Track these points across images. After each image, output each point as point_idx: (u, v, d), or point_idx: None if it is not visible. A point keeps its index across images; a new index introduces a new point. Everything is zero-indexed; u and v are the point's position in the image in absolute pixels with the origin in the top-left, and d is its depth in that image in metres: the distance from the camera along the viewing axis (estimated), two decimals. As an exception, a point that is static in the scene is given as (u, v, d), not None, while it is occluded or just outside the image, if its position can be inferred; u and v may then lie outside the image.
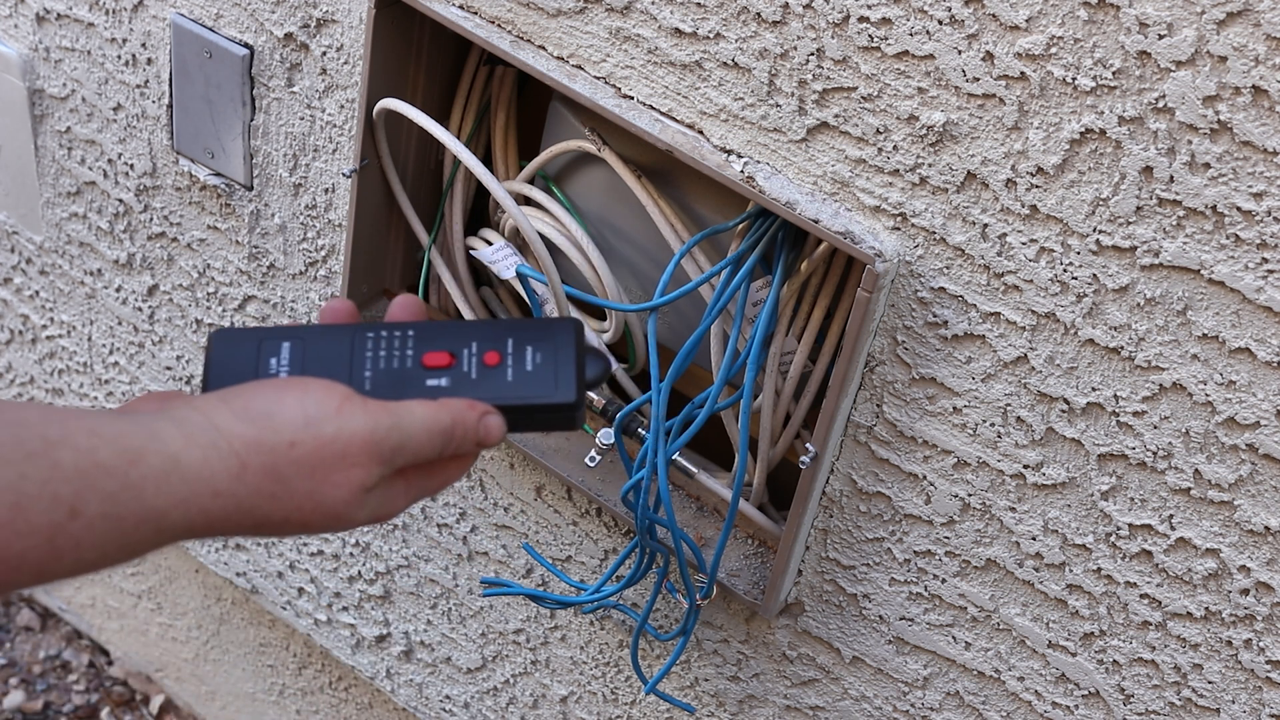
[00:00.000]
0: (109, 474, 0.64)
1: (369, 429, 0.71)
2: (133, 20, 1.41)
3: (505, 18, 1.12)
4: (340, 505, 0.71)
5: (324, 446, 0.70)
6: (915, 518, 1.12)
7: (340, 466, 0.70)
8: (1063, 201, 0.94)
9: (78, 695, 2.19)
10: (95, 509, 0.64)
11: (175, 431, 0.68)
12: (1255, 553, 0.98)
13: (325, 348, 0.77)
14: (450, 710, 1.63)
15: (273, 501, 0.69)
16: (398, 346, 0.78)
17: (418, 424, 0.73)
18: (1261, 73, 0.83)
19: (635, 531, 1.20)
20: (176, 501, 0.66)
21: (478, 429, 0.76)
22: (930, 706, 1.20)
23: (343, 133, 1.30)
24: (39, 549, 0.62)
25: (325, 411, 0.71)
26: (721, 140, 1.06)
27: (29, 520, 0.62)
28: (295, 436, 0.70)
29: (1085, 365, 0.98)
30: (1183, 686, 1.05)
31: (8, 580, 0.63)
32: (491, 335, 0.79)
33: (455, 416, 0.75)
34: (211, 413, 0.70)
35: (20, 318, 1.83)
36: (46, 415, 0.65)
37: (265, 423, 0.70)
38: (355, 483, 0.71)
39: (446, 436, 0.74)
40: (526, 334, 0.79)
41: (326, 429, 0.70)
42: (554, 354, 0.78)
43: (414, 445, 0.73)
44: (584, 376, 0.78)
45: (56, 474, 0.63)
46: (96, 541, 0.64)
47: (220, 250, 1.50)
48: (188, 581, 1.95)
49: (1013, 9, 0.90)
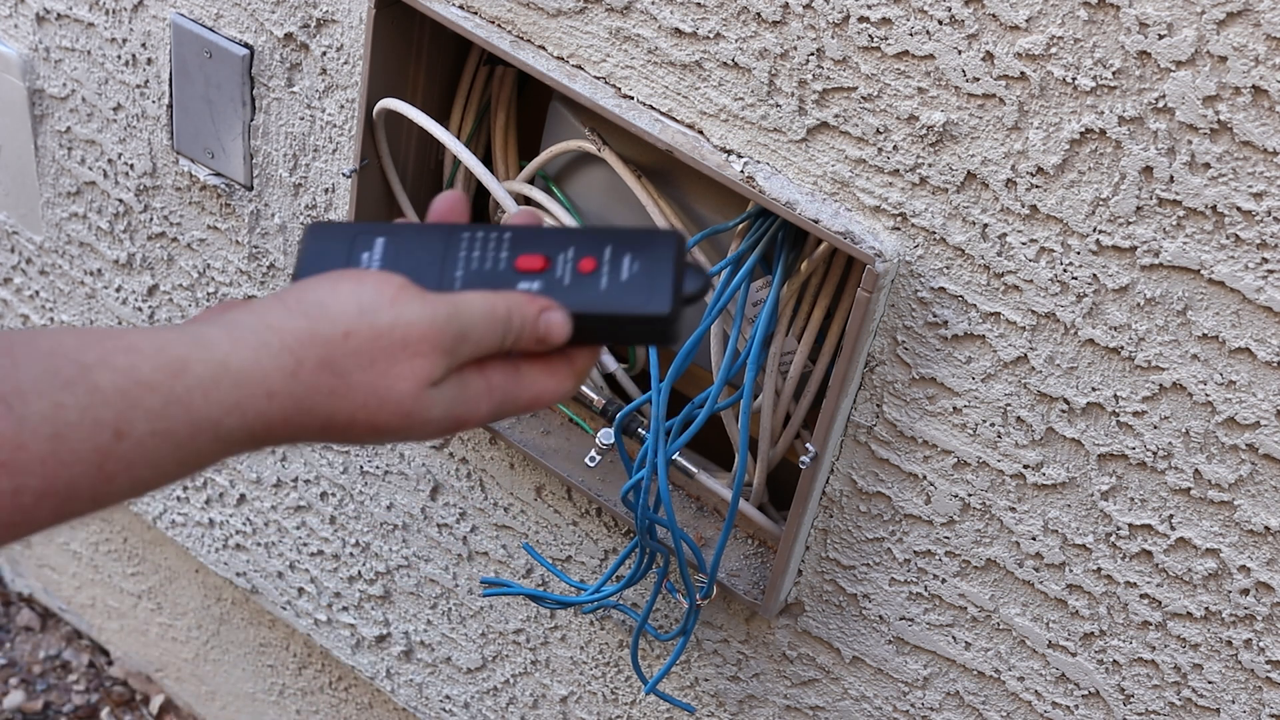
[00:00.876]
0: (152, 390, 0.62)
1: (428, 316, 0.68)
2: (133, 20, 1.41)
3: (505, 18, 1.12)
4: (408, 400, 0.67)
5: (381, 335, 0.67)
6: (915, 518, 1.12)
7: (401, 357, 0.67)
8: (1063, 201, 0.94)
9: (78, 695, 2.19)
10: (142, 428, 0.62)
11: (222, 335, 0.65)
12: (1255, 553, 0.98)
13: (420, 244, 0.74)
14: (450, 710, 1.63)
15: (333, 398, 0.66)
16: (493, 248, 0.74)
17: (477, 312, 0.69)
18: (1261, 73, 0.83)
19: (635, 531, 1.20)
20: (229, 408, 0.64)
21: (537, 324, 0.71)
22: (930, 706, 1.20)
23: (343, 133, 1.30)
24: (89, 476, 0.61)
25: (381, 300, 0.67)
26: (721, 140, 1.06)
27: (72, 449, 0.60)
28: (350, 326, 0.66)
29: (1085, 365, 0.98)
30: (1183, 686, 1.05)
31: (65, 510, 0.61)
32: (591, 242, 0.75)
33: (511, 305, 0.70)
34: (264, 312, 0.67)
35: (20, 318, 1.83)
36: (83, 339, 0.63)
37: (319, 313, 0.66)
38: (420, 374, 0.67)
39: (505, 325, 0.70)
40: (626, 243, 0.75)
41: (383, 317, 0.67)
42: (652, 264, 0.74)
43: (476, 334, 0.69)
44: (681, 289, 0.74)
45: (96, 398, 0.61)
46: (150, 459, 0.62)
47: (220, 250, 1.50)
48: (188, 581, 1.95)
49: (1013, 9, 0.90)
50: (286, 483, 1.63)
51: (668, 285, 0.73)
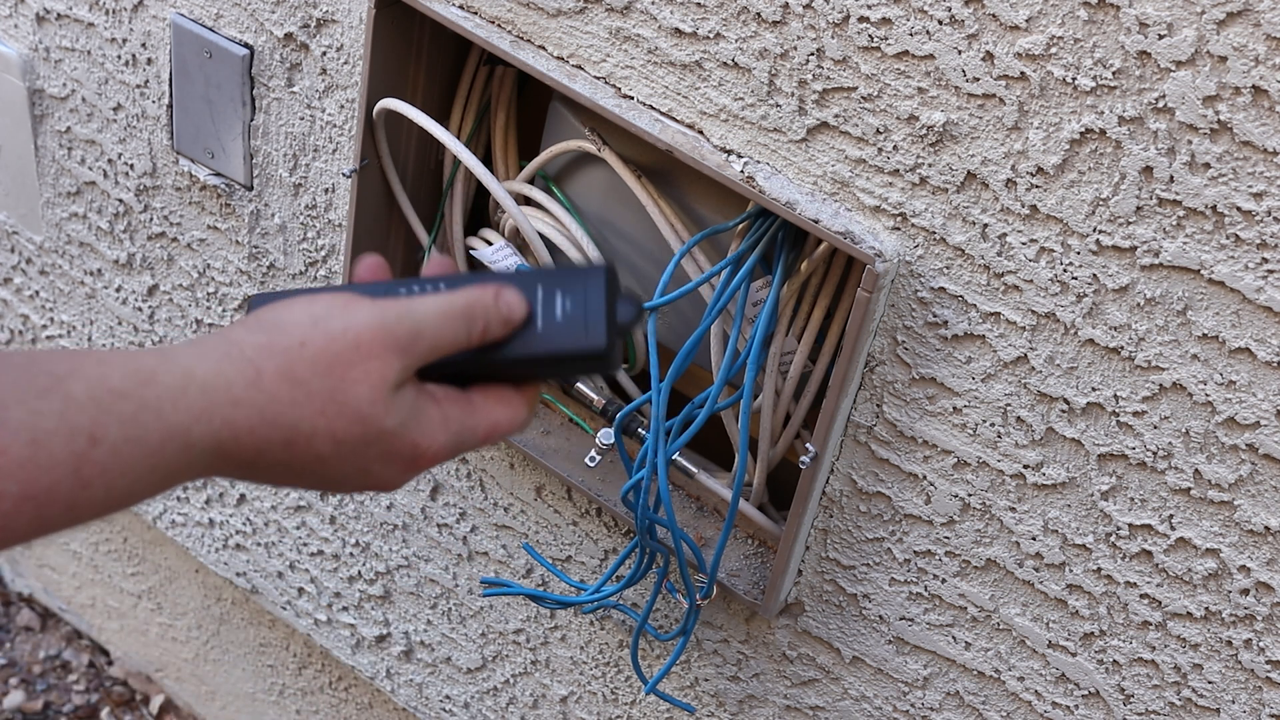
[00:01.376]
0: (123, 397, 0.65)
1: (378, 317, 0.70)
2: (133, 20, 1.41)
3: (505, 18, 1.12)
4: (365, 404, 0.70)
5: (334, 340, 0.70)
6: (915, 518, 1.12)
7: (355, 360, 0.70)
8: (1063, 201, 0.94)
9: (78, 695, 2.19)
10: (116, 433, 0.64)
11: (187, 349, 0.68)
12: (1255, 553, 0.98)
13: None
14: (450, 710, 1.63)
15: (294, 407, 0.69)
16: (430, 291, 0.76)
17: (430, 309, 0.72)
18: (1261, 73, 0.83)
19: (635, 531, 1.20)
20: (197, 414, 0.66)
21: (498, 305, 0.74)
22: (930, 706, 1.20)
23: (343, 133, 1.30)
24: (66, 480, 0.63)
25: (332, 310, 0.71)
26: (721, 140, 1.06)
27: (50, 453, 0.62)
28: (305, 335, 0.69)
29: (1085, 365, 0.98)
30: (1183, 686, 1.05)
31: (42, 517, 0.63)
32: (521, 282, 0.77)
33: (469, 298, 0.73)
34: (225, 331, 0.71)
35: (20, 318, 1.83)
36: (54, 354, 0.65)
37: (275, 328, 0.70)
38: (375, 376, 0.70)
39: (466, 316, 0.73)
40: (556, 280, 0.77)
41: (335, 324, 0.70)
42: (583, 299, 0.76)
43: (431, 330, 0.72)
44: (615, 320, 0.76)
45: (70, 405, 0.63)
46: (123, 467, 0.64)
47: (220, 250, 1.50)
48: (188, 581, 1.95)
49: (1013, 9, 0.90)
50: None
51: (601, 320, 0.76)
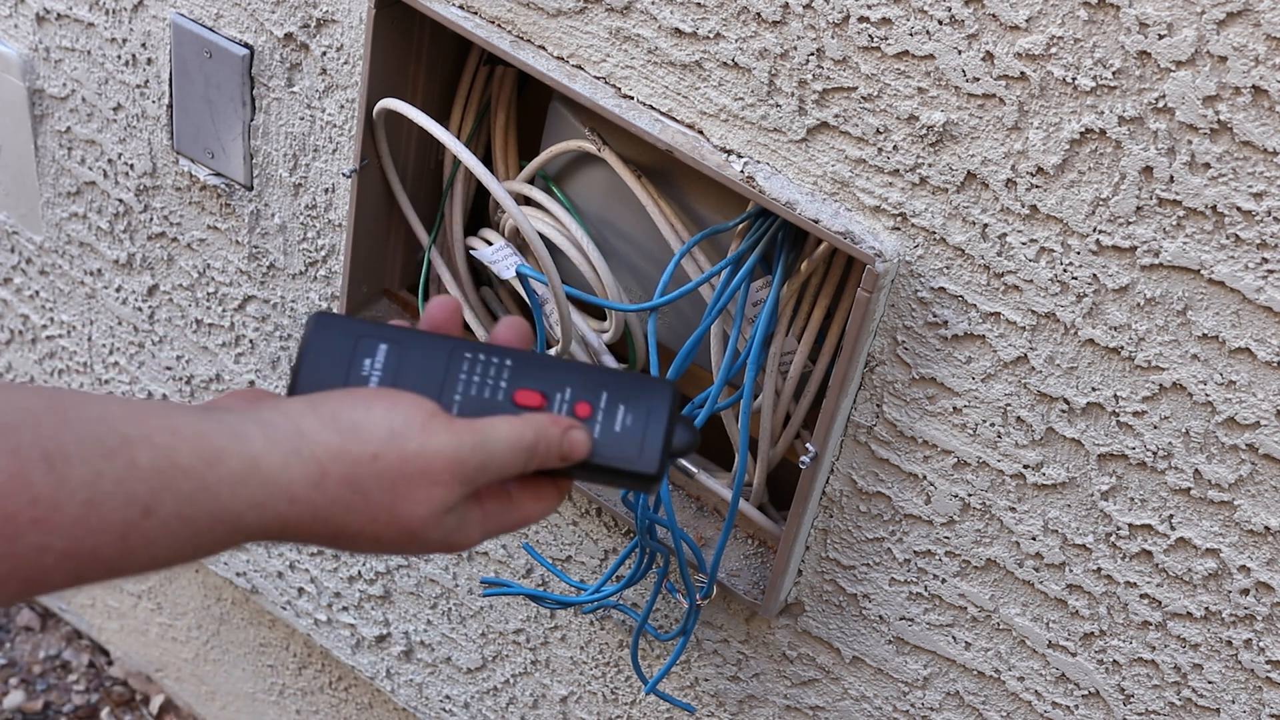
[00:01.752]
0: (186, 475, 0.64)
1: (454, 447, 0.71)
2: (133, 20, 1.41)
3: (505, 18, 1.12)
4: (418, 523, 0.70)
5: (407, 461, 0.70)
6: (915, 518, 1.12)
7: (422, 484, 0.70)
8: (1063, 201, 0.94)
9: (78, 695, 2.19)
10: (170, 509, 0.64)
11: (258, 433, 0.67)
12: (1255, 553, 0.98)
13: (421, 359, 0.76)
14: (450, 710, 1.63)
15: (349, 513, 0.69)
16: (493, 375, 0.76)
17: (502, 442, 0.72)
18: (1261, 73, 0.83)
19: (635, 531, 1.20)
20: (252, 504, 0.66)
21: (561, 444, 0.75)
22: (930, 706, 1.20)
23: (343, 133, 1.30)
24: (112, 545, 0.63)
25: (411, 426, 0.70)
26: (721, 140, 1.06)
27: (103, 517, 0.62)
28: (379, 449, 0.69)
29: (1085, 365, 0.98)
30: (1183, 686, 1.05)
31: (81, 575, 0.63)
32: (587, 384, 0.77)
33: (539, 432, 0.74)
34: (298, 418, 0.69)
35: (20, 318, 1.83)
36: (128, 411, 0.65)
37: (351, 432, 0.69)
38: (436, 501, 0.71)
39: (530, 452, 0.73)
40: (622, 390, 0.77)
41: (411, 444, 0.70)
42: (645, 417, 0.77)
43: (498, 464, 0.72)
44: (669, 447, 0.76)
45: (134, 473, 0.63)
46: (169, 541, 0.64)
47: (220, 250, 1.50)
48: (188, 581, 1.95)
49: (1013, 9, 0.90)
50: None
51: (658, 445, 0.76)
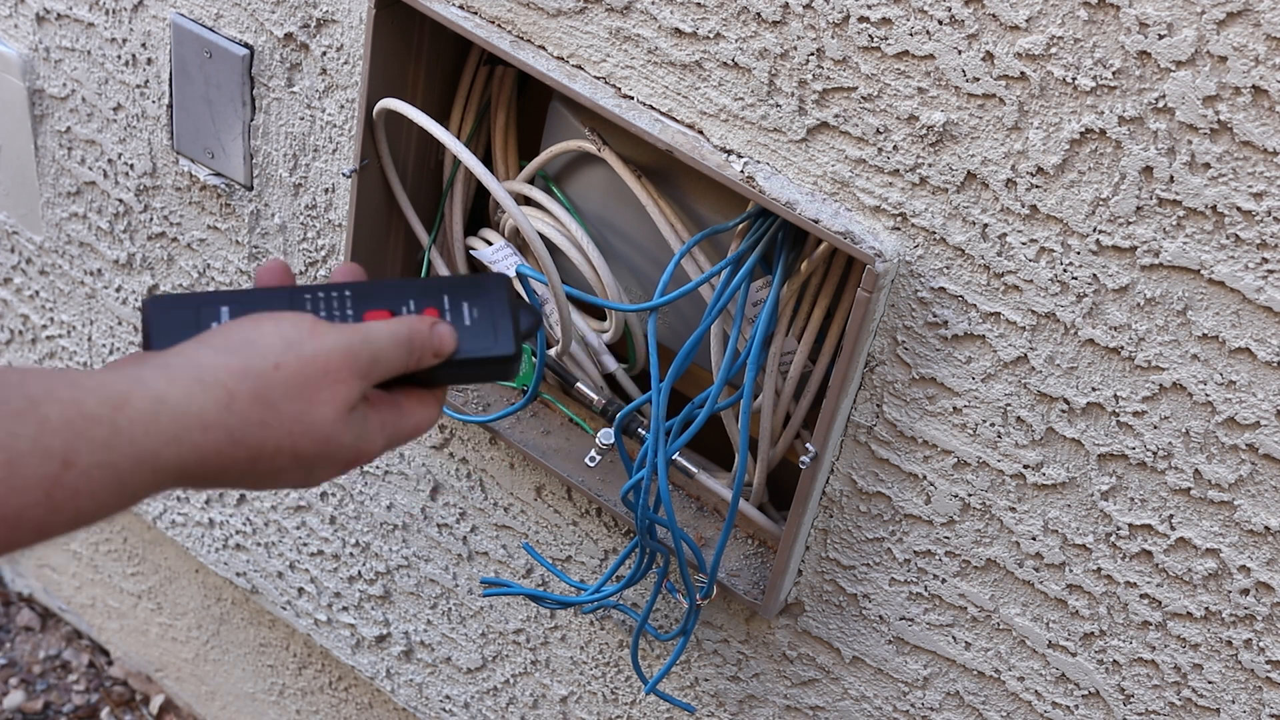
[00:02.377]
0: (97, 422, 0.65)
1: (344, 344, 0.74)
2: (133, 20, 1.41)
3: (505, 18, 1.12)
4: (329, 425, 0.73)
5: (307, 364, 0.72)
6: (915, 518, 1.12)
7: (325, 383, 0.73)
8: (1063, 201, 0.94)
9: (78, 695, 2.19)
10: (88, 458, 0.65)
11: (159, 373, 0.69)
12: (1255, 553, 0.98)
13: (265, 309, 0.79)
14: (450, 710, 1.63)
15: (264, 429, 0.71)
16: (337, 306, 0.80)
17: (384, 335, 0.76)
18: (1261, 73, 0.83)
19: (635, 531, 1.20)
20: (168, 439, 0.68)
21: (431, 337, 0.79)
22: (930, 706, 1.20)
23: (343, 133, 1.30)
24: (37, 504, 0.63)
25: (301, 332, 0.73)
26: (721, 140, 1.06)
27: (24, 476, 0.63)
28: (279, 359, 0.72)
29: (1085, 365, 0.98)
30: (1183, 686, 1.05)
31: (9, 539, 0.64)
32: (426, 292, 0.82)
33: (412, 327, 0.78)
34: (191, 353, 0.71)
35: (20, 318, 1.83)
36: (25, 375, 0.66)
37: (247, 349, 0.72)
38: (340, 398, 0.73)
39: (408, 345, 0.77)
40: (459, 291, 0.82)
41: (306, 348, 0.73)
42: (489, 308, 0.82)
43: (385, 358, 0.76)
44: (520, 329, 0.82)
45: (45, 428, 0.64)
46: (93, 490, 0.65)
47: (220, 250, 1.50)
48: (188, 581, 1.95)
49: (1013, 9, 0.90)
50: (286, 483, 1.62)
51: (509, 327, 0.81)
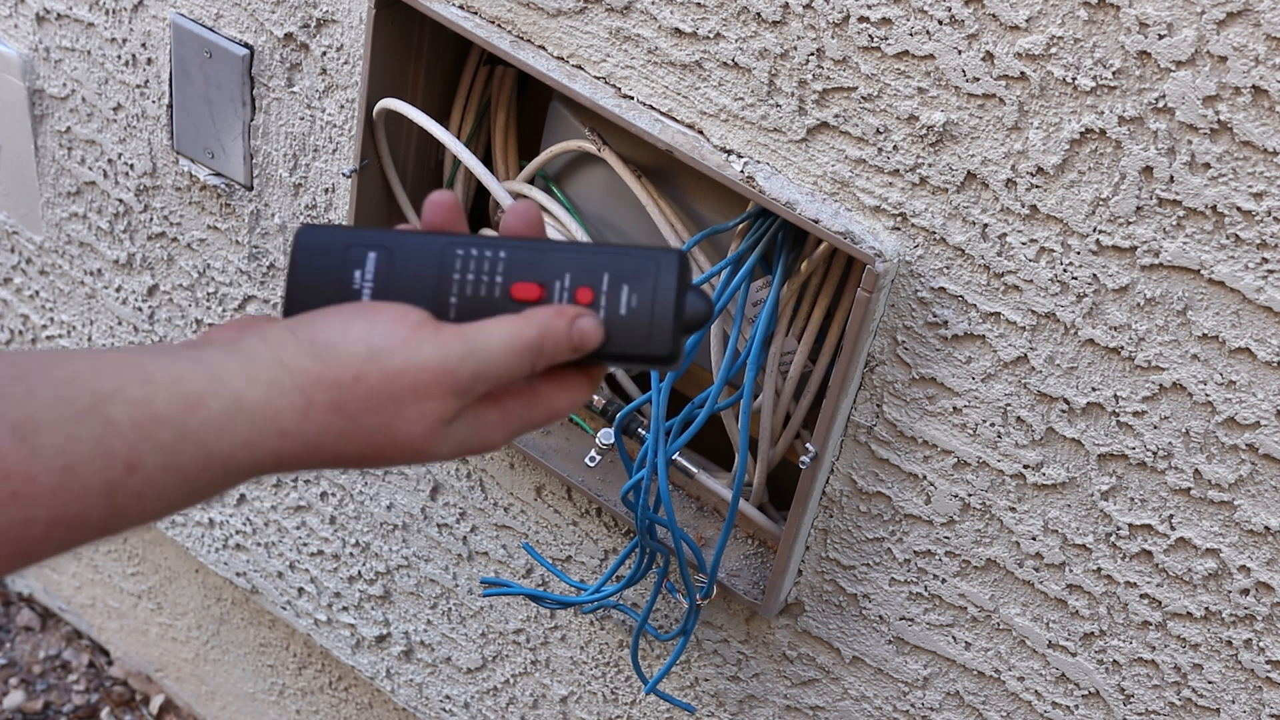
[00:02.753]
0: (165, 424, 0.62)
1: (439, 359, 0.67)
2: (133, 20, 1.41)
3: (505, 18, 1.12)
4: (418, 440, 0.68)
5: (390, 380, 0.66)
6: (915, 518, 1.12)
7: (411, 401, 0.67)
8: (1063, 201, 0.94)
9: (78, 695, 2.19)
10: (154, 461, 0.62)
11: (238, 369, 0.65)
12: (1255, 553, 0.98)
13: (413, 264, 0.72)
14: (450, 710, 1.63)
15: (342, 440, 0.66)
16: (488, 271, 0.71)
17: (496, 346, 0.68)
18: (1261, 73, 0.83)
19: (635, 531, 1.20)
20: (241, 444, 0.64)
21: (570, 335, 0.70)
22: (930, 706, 1.20)
23: (343, 133, 1.30)
24: (99, 508, 0.61)
25: (392, 343, 0.67)
26: (721, 140, 1.06)
27: (84, 481, 0.60)
28: (360, 370, 0.66)
29: (1085, 365, 0.98)
30: (1183, 686, 1.05)
31: (73, 539, 0.61)
32: (587, 266, 0.72)
33: (542, 328, 0.69)
34: (278, 346, 0.67)
35: (20, 318, 1.83)
36: (97, 366, 0.62)
37: (330, 356, 0.66)
38: (431, 416, 0.67)
39: (535, 351, 0.69)
40: (625, 268, 0.72)
41: (393, 362, 0.66)
42: (651, 295, 0.71)
43: (495, 370, 0.68)
44: (681, 323, 0.71)
45: (110, 430, 0.60)
46: (160, 493, 0.62)
47: (220, 250, 1.50)
48: (188, 581, 1.95)
49: (1013, 9, 0.90)
50: (286, 482, 1.63)
51: (668, 324, 0.71)
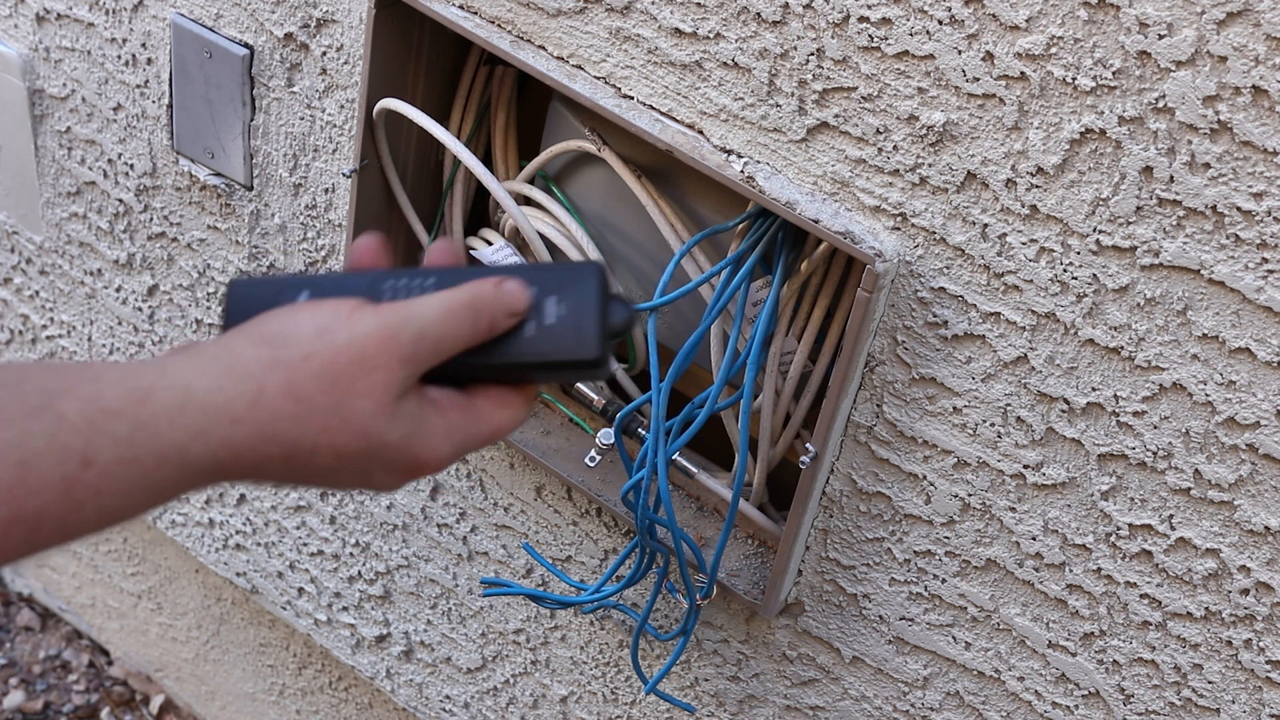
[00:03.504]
0: (118, 416, 0.62)
1: (380, 325, 0.68)
2: (133, 20, 1.41)
3: (505, 18, 1.12)
4: (366, 418, 0.68)
5: (340, 353, 0.67)
6: (915, 518, 1.12)
7: (360, 373, 0.67)
8: (1063, 201, 0.94)
9: (78, 695, 2.19)
10: (109, 455, 0.62)
11: (186, 364, 0.66)
12: (1255, 553, 0.98)
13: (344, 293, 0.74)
14: (450, 710, 1.63)
15: (297, 424, 0.67)
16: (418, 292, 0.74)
17: (432, 309, 0.70)
18: (1261, 73, 0.83)
19: (635, 531, 1.20)
20: (194, 434, 0.64)
21: (498, 295, 0.72)
22: (930, 706, 1.20)
23: (343, 133, 1.30)
24: (56, 503, 0.61)
25: (338, 320, 0.68)
26: (721, 140, 1.06)
27: (40, 476, 0.60)
28: (309, 349, 0.67)
29: (1085, 365, 0.98)
30: (1183, 686, 1.05)
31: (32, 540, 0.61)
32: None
33: (472, 289, 0.71)
34: (225, 343, 0.68)
35: (20, 318, 1.83)
36: (48, 370, 0.63)
37: (279, 341, 0.67)
38: (379, 387, 0.68)
39: (470, 310, 0.71)
40: (548, 282, 0.75)
41: (340, 336, 0.67)
42: (576, 305, 0.74)
43: (435, 329, 0.69)
44: (606, 328, 0.74)
45: (62, 426, 0.61)
46: (117, 488, 0.63)
47: (220, 250, 1.50)
48: (188, 581, 1.95)
49: (1013, 9, 0.90)
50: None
51: (594, 328, 0.73)
